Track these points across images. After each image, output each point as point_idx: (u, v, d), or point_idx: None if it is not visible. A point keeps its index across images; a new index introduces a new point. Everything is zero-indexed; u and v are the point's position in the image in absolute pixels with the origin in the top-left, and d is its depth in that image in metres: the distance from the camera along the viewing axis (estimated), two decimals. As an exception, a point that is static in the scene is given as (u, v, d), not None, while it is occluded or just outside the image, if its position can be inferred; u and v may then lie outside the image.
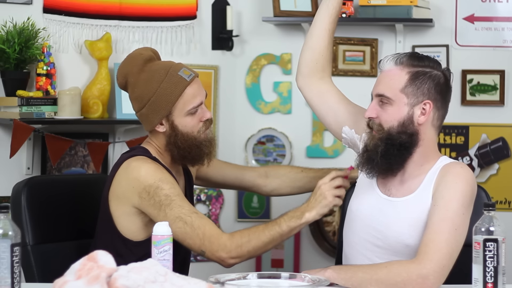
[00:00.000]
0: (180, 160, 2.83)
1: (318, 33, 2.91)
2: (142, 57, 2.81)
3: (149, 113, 2.78)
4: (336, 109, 2.89)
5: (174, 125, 2.78)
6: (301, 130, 4.20)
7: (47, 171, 3.73)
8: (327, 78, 2.94)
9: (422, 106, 2.62)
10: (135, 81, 2.79)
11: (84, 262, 2.06)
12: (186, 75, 2.78)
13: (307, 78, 2.93)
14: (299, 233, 4.19)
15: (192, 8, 4.05)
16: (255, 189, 3.13)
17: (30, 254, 2.85)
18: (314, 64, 2.92)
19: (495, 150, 4.02)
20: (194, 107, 2.77)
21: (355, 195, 2.80)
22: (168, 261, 2.35)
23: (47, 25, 3.72)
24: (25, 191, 2.90)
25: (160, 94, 2.76)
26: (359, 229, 2.72)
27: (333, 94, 2.92)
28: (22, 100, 3.53)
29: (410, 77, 2.63)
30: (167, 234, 2.35)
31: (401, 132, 2.62)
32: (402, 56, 2.66)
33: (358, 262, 2.71)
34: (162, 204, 2.66)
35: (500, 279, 2.26)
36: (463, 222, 2.52)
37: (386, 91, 2.63)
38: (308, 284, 2.30)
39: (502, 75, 3.99)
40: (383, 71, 2.68)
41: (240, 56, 4.22)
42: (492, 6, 4.00)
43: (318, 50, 2.91)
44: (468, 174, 2.60)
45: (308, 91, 2.95)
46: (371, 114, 2.66)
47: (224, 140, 4.20)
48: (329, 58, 2.94)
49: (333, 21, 2.90)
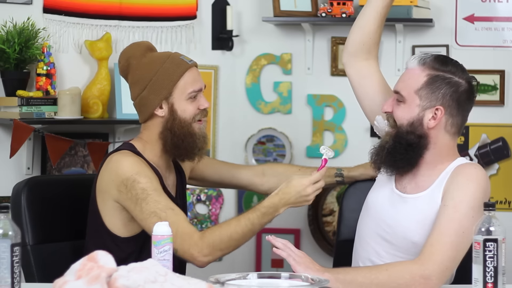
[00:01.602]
0: (171, 150, 2.80)
1: (369, 14, 2.88)
2: (145, 44, 2.87)
3: (150, 94, 2.79)
4: (373, 97, 2.88)
5: (174, 109, 2.78)
6: (301, 130, 4.20)
7: (47, 171, 3.73)
8: (372, 61, 2.92)
9: (434, 110, 2.62)
10: (137, 63, 2.81)
11: (84, 262, 2.06)
12: (187, 59, 2.82)
13: (352, 57, 2.92)
14: (299, 233, 4.20)
15: (192, 8, 4.05)
16: (252, 187, 3.12)
17: (30, 254, 2.85)
18: (361, 46, 2.90)
19: (495, 150, 4.02)
20: (194, 90, 2.78)
21: (374, 188, 2.81)
22: (168, 261, 2.35)
23: (47, 25, 3.72)
24: (25, 191, 2.90)
25: (162, 73, 2.77)
26: (371, 221, 2.73)
27: (374, 80, 2.90)
28: (22, 100, 3.53)
29: (428, 80, 2.62)
30: (167, 234, 2.35)
31: (409, 132, 2.62)
32: (427, 56, 2.66)
33: (366, 254, 2.72)
34: (138, 198, 2.66)
35: (500, 279, 2.26)
36: (471, 225, 2.45)
37: (402, 89, 2.64)
38: (308, 284, 2.30)
39: (502, 75, 3.99)
40: (407, 69, 2.68)
41: (240, 56, 4.22)
42: (492, 6, 4.00)
43: (367, 31, 2.89)
44: (481, 175, 2.58)
45: (351, 69, 2.93)
46: (387, 108, 2.68)
47: (224, 140, 4.20)
48: (377, 42, 2.92)
49: (386, 5, 2.88)
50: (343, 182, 3.09)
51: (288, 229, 4.21)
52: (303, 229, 4.22)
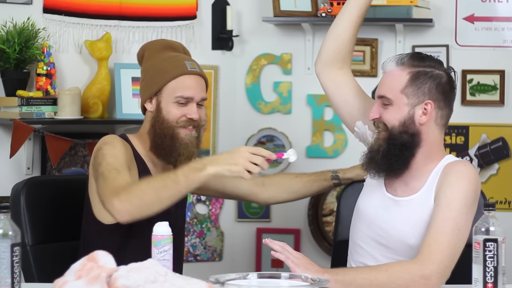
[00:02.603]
0: (153, 148, 2.79)
1: (344, 24, 2.88)
2: (165, 42, 2.89)
3: (144, 86, 2.82)
4: (352, 103, 2.87)
5: (160, 107, 2.77)
6: (301, 130, 4.20)
7: (47, 171, 3.73)
8: (346, 70, 2.91)
9: (423, 106, 2.62)
10: (148, 56, 2.83)
11: (84, 262, 2.06)
12: (190, 66, 2.80)
13: (326, 67, 2.91)
14: (299, 233, 4.20)
15: (192, 8, 4.05)
16: (252, 197, 3.11)
17: (29, 254, 2.85)
18: (336, 54, 2.89)
19: (495, 150, 4.02)
20: (183, 96, 2.75)
21: (363, 193, 2.80)
22: (168, 261, 2.35)
23: (47, 25, 3.72)
24: (24, 191, 2.89)
25: (158, 70, 2.78)
26: (365, 227, 2.72)
27: (351, 87, 2.90)
28: (22, 100, 3.53)
29: (411, 78, 2.63)
30: (167, 234, 2.35)
31: (402, 132, 2.62)
32: (403, 56, 2.66)
33: (361, 258, 2.71)
34: (96, 163, 2.64)
35: (500, 279, 2.26)
36: (466, 222, 2.51)
37: (387, 92, 2.64)
38: (308, 284, 2.30)
39: (502, 75, 3.99)
40: (386, 72, 2.68)
41: (240, 56, 4.22)
42: (492, 6, 4.00)
43: (342, 40, 2.88)
44: (471, 173, 2.59)
45: (325, 79, 2.92)
46: (375, 115, 2.66)
47: (224, 140, 4.20)
48: (351, 51, 2.91)
49: (361, 15, 2.88)
50: (340, 184, 3.09)
51: (288, 229, 4.20)
52: (303, 229, 4.22)
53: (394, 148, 2.62)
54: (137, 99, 3.82)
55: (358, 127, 2.83)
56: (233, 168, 2.47)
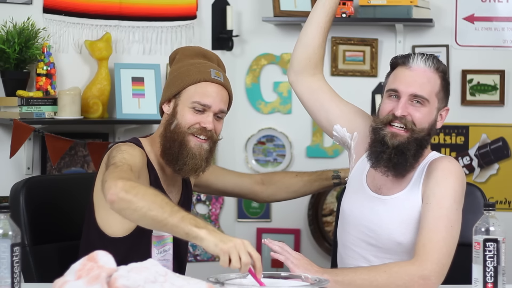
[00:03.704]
0: (162, 154, 2.70)
1: (313, 31, 2.87)
2: (198, 49, 2.83)
3: (165, 87, 2.77)
4: (328, 107, 2.86)
5: (176, 110, 2.70)
6: (301, 130, 4.20)
7: (47, 171, 3.73)
8: (319, 75, 2.90)
9: (443, 111, 2.68)
10: (179, 58, 2.79)
11: (84, 262, 2.06)
12: (215, 74, 2.74)
13: (299, 75, 2.90)
14: (299, 233, 4.20)
15: (192, 8, 4.05)
16: (252, 196, 3.11)
17: (29, 254, 2.84)
18: (307, 62, 2.88)
19: (495, 150, 4.02)
20: (200, 103, 2.68)
21: (346, 195, 2.79)
22: (168, 261, 2.35)
23: (47, 25, 3.72)
24: (23, 191, 2.88)
25: (181, 72, 2.73)
26: (353, 228, 2.71)
27: (325, 92, 2.88)
28: (22, 100, 3.53)
29: (442, 83, 2.65)
30: (167, 234, 2.35)
31: (427, 134, 2.64)
32: (429, 57, 2.65)
33: (353, 261, 2.71)
34: (113, 156, 2.51)
35: (500, 279, 2.26)
36: (457, 217, 2.53)
37: (422, 91, 2.61)
38: (308, 284, 2.30)
39: (502, 75, 3.99)
40: (414, 70, 2.64)
41: (240, 56, 4.22)
42: (492, 6, 4.00)
43: (312, 47, 2.88)
44: (457, 168, 2.60)
45: (300, 87, 2.91)
46: (403, 112, 2.62)
47: (224, 140, 4.16)
48: (322, 56, 2.91)
49: (329, 20, 2.87)
50: (340, 183, 3.09)
51: (288, 229, 4.21)
52: (303, 229, 4.22)
53: (415, 146, 2.62)
54: (137, 99, 3.82)
55: (337, 131, 2.83)
56: (220, 245, 2.21)
